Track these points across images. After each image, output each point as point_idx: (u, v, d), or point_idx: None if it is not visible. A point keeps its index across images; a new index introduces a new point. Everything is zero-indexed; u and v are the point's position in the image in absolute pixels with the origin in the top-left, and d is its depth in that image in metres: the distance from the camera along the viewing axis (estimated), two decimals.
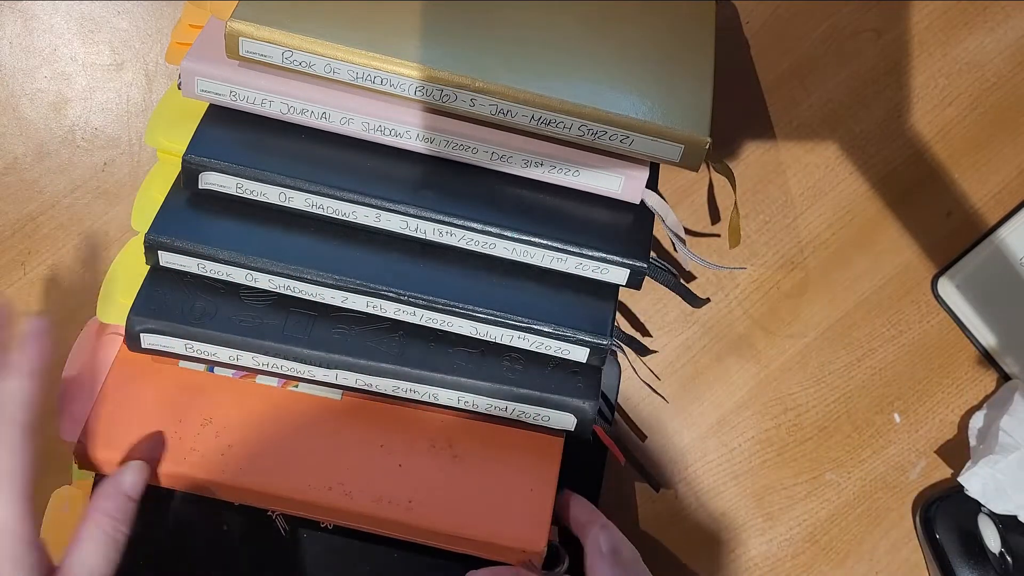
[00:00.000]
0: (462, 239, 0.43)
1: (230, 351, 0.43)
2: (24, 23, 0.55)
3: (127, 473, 0.41)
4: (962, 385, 0.57)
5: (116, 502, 0.40)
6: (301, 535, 0.47)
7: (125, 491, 0.41)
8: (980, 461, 0.52)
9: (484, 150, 0.43)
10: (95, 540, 0.39)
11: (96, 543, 0.39)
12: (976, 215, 0.57)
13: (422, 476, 0.44)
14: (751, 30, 0.56)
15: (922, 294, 0.57)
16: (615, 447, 0.48)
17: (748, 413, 0.57)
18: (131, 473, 0.41)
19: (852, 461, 0.57)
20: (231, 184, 0.43)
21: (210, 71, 0.42)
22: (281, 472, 0.44)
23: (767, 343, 0.57)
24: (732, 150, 0.56)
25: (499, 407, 0.44)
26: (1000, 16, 0.56)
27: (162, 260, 0.43)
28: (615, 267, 0.43)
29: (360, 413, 0.46)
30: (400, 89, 0.41)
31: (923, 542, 0.55)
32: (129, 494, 0.41)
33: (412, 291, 0.42)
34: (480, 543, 0.44)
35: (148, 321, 0.43)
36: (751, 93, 0.56)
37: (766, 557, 0.56)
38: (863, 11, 0.56)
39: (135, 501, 0.41)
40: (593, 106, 0.41)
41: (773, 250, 0.57)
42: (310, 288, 0.43)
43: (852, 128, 0.56)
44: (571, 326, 0.43)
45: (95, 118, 0.55)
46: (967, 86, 0.56)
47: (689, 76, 0.44)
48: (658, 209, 0.44)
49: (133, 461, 0.42)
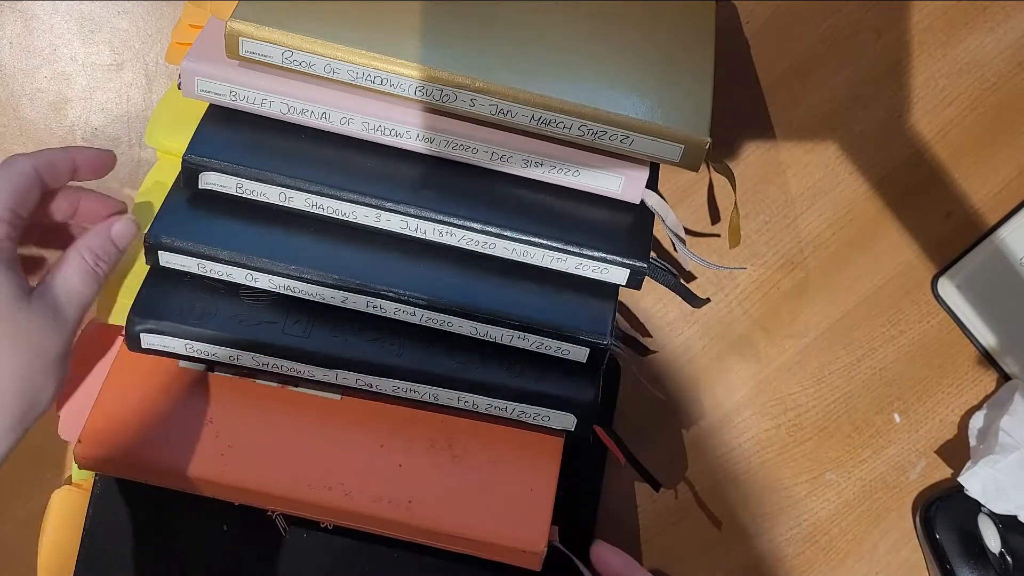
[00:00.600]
0: (462, 239, 0.43)
1: (230, 351, 0.43)
2: (24, 23, 0.55)
3: (116, 222, 0.42)
4: (962, 385, 0.57)
5: (101, 241, 0.41)
6: (301, 535, 0.47)
7: (112, 236, 0.42)
8: (980, 461, 0.52)
9: (484, 150, 0.43)
10: (78, 267, 0.40)
11: (79, 270, 0.40)
12: (976, 215, 0.57)
13: (422, 476, 0.44)
14: (751, 30, 0.56)
15: (922, 294, 0.57)
16: (615, 447, 0.48)
17: (748, 413, 0.57)
18: (121, 223, 0.42)
19: (852, 461, 0.57)
20: (231, 184, 0.43)
21: (210, 71, 0.42)
22: (281, 472, 0.44)
23: (767, 343, 0.57)
24: (732, 150, 0.56)
25: (499, 407, 0.44)
26: (1000, 16, 0.56)
27: (162, 260, 0.43)
28: (615, 267, 0.43)
29: (360, 413, 0.46)
30: (400, 89, 0.41)
31: (923, 542, 0.55)
32: (115, 240, 0.42)
33: (412, 291, 0.42)
34: (480, 543, 0.44)
35: (148, 321, 0.43)
36: (751, 93, 0.56)
37: (766, 557, 0.56)
38: (863, 11, 0.56)
39: (118, 250, 0.42)
40: (593, 106, 0.41)
41: (773, 250, 0.57)
42: (310, 288, 0.43)
43: (852, 128, 0.57)
44: (571, 326, 0.43)
45: (95, 118, 0.55)
46: (967, 86, 0.56)
47: (689, 76, 0.44)
48: (658, 209, 0.44)
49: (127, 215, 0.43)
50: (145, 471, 0.44)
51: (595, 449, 0.48)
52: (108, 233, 0.42)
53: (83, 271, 0.40)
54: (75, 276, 0.40)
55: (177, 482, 0.44)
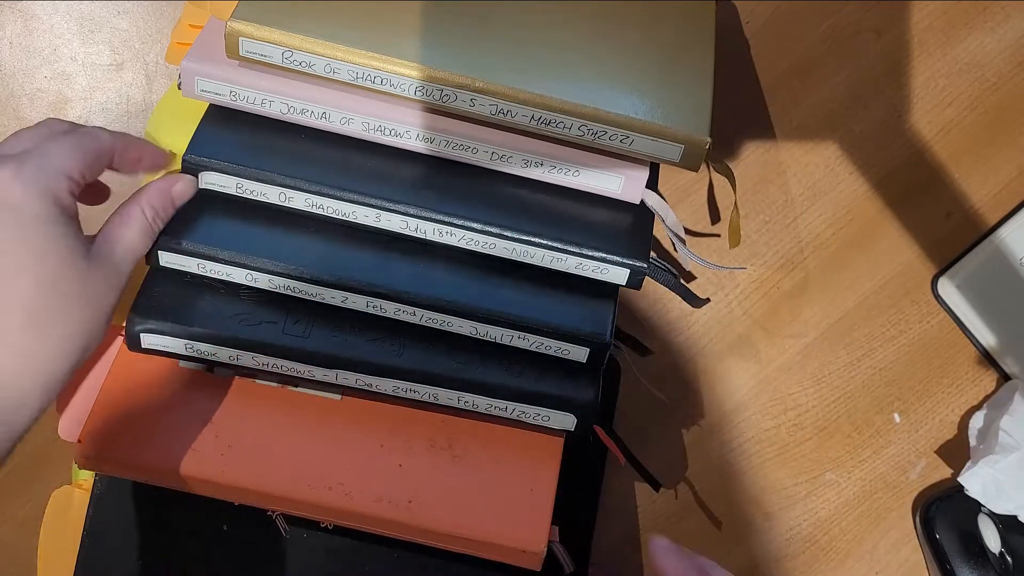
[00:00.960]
0: (462, 239, 0.43)
1: (230, 351, 0.43)
2: (24, 23, 0.55)
3: (179, 180, 0.42)
4: (962, 385, 0.57)
5: (161, 199, 0.42)
6: (301, 535, 0.47)
7: (172, 194, 0.42)
8: (980, 461, 0.52)
9: (484, 150, 0.43)
10: (135, 220, 0.41)
11: (139, 226, 0.40)
12: (976, 215, 0.57)
13: (422, 476, 0.44)
14: (751, 30, 0.56)
15: (922, 294, 0.57)
16: (615, 447, 0.48)
17: (748, 413, 0.57)
18: (183, 182, 0.42)
19: (852, 461, 0.57)
20: (231, 184, 0.43)
21: (210, 71, 0.42)
22: (281, 472, 0.44)
23: (767, 343, 0.57)
24: (732, 150, 0.56)
25: (499, 407, 0.44)
26: (1000, 16, 0.56)
27: (162, 260, 0.43)
28: (615, 267, 0.43)
29: (360, 413, 0.46)
30: (400, 89, 0.41)
31: (923, 542, 0.55)
32: (175, 198, 0.42)
33: (412, 291, 0.42)
34: (480, 543, 0.44)
35: (148, 321, 0.43)
36: (751, 93, 0.56)
37: (766, 557, 0.56)
38: (863, 11, 0.56)
39: (175, 208, 0.42)
40: (593, 106, 0.41)
41: (773, 250, 0.57)
42: (310, 288, 0.43)
43: (852, 128, 0.57)
44: (571, 326, 0.43)
45: (95, 118, 0.55)
46: (967, 86, 0.56)
47: (689, 76, 0.44)
48: (658, 209, 0.44)
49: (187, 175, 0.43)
50: (145, 471, 0.44)
51: (595, 449, 0.48)
52: (168, 190, 0.42)
53: (142, 227, 0.41)
54: (135, 231, 0.40)
55: (177, 482, 0.44)
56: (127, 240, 0.40)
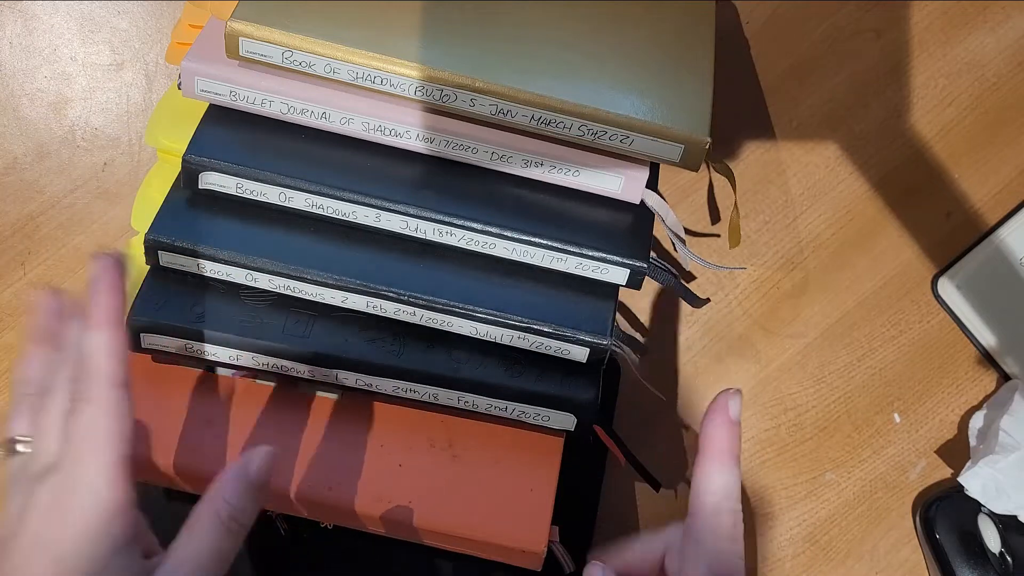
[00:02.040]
0: (462, 239, 0.43)
1: (230, 351, 0.43)
2: (24, 23, 0.55)
3: (255, 457, 0.36)
4: (962, 385, 0.57)
5: (236, 488, 0.36)
6: (301, 535, 0.47)
7: (249, 477, 0.36)
8: (980, 461, 0.52)
9: (484, 150, 0.43)
10: (208, 524, 0.35)
11: (209, 528, 0.35)
12: (976, 215, 0.57)
13: (422, 476, 0.44)
14: (751, 30, 0.56)
15: (922, 294, 0.57)
16: (615, 447, 0.48)
17: (748, 413, 0.57)
18: (259, 457, 0.37)
19: (852, 461, 0.57)
20: (231, 184, 0.43)
21: (210, 71, 0.42)
22: (281, 472, 0.44)
23: (767, 343, 0.57)
24: (732, 150, 0.56)
25: (499, 407, 0.44)
26: (1000, 16, 0.56)
27: (162, 260, 0.43)
28: (615, 267, 0.43)
29: (360, 413, 0.46)
30: (400, 89, 0.41)
31: (923, 542, 0.55)
32: (253, 480, 0.36)
33: (412, 291, 0.42)
34: (480, 543, 0.44)
35: (148, 321, 0.43)
36: (751, 93, 0.56)
37: (766, 557, 0.56)
38: (863, 11, 0.56)
39: (258, 490, 0.36)
40: (593, 106, 0.41)
41: (773, 250, 0.57)
42: (310, 288, 0.43)
43: (852, 128, 0.57)
44: (571, 326, 0.43)
45: (95, 118, 0.55)
46: (967, 86, 0.56)
47: (689, 76, 0.44)
48: (658, 209, 0.44)
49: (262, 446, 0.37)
50: (145, 471, 0.44)
51: (595, 449, 0.48)
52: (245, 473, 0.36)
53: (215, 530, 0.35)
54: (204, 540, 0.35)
55: (177, 482, 0.44)
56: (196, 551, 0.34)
